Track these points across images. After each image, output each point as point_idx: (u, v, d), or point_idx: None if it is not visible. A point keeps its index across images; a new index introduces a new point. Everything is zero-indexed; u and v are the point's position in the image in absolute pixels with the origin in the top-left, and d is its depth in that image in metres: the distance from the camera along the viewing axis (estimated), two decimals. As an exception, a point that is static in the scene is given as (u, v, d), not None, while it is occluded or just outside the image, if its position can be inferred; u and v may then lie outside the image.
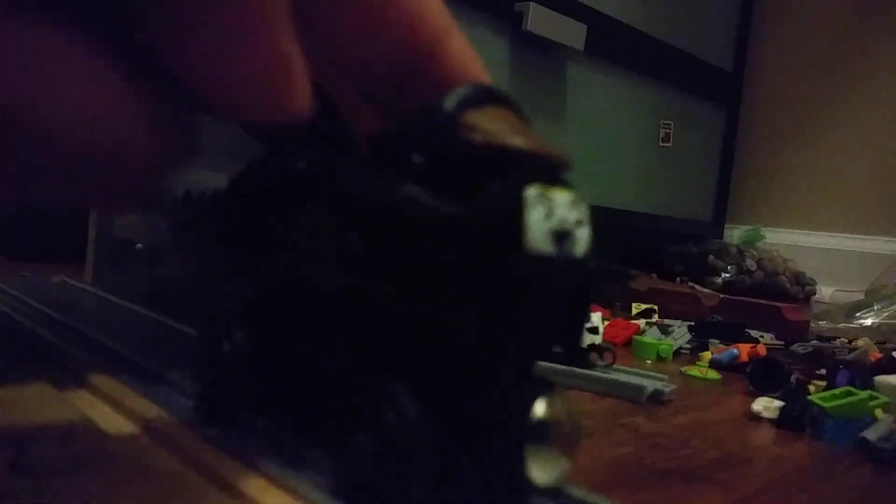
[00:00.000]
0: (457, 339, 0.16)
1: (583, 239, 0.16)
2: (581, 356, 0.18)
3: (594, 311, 0.65)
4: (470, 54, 0.18)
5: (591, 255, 0.16)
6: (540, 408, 0.16)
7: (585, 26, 1.55)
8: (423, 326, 0.16)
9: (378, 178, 0.16)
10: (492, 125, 0.16)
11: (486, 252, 0.15)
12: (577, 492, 0.19)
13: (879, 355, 0.83)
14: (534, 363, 0.17)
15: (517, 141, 0.16)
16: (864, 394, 0.60)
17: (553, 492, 0.19)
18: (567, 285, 0.16)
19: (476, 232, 0.15)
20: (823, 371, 0.76)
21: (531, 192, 0.15)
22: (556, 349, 0.17)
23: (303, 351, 0.19)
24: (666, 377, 0.63)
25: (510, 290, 0.15)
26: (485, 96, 0.16)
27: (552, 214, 0.15)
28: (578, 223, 0.16)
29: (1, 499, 0.15)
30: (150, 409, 0.21)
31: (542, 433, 0.16)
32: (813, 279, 1.69)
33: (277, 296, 0.20)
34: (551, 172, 0.16)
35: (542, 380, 0.17)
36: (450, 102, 0.16)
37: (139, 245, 0.47)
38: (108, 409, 0.21)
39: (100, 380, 0.23)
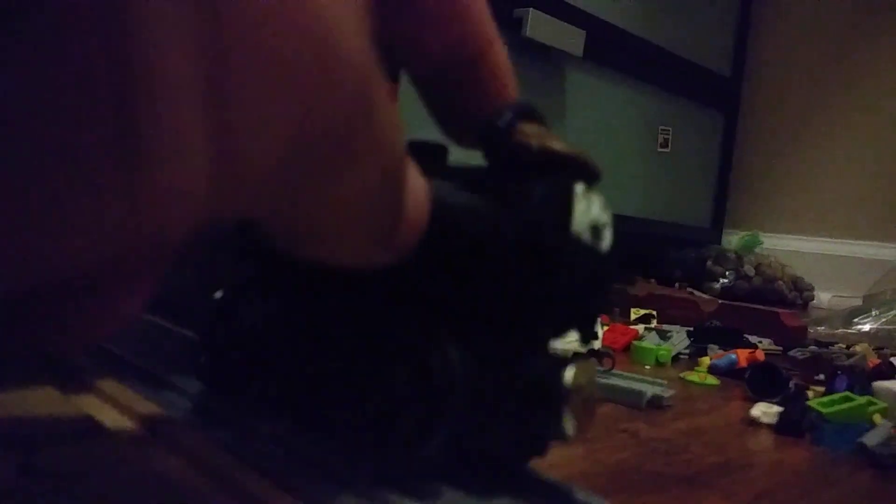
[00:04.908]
0: (500, 306, 0.18)
1: (608, 237, 0.19)
2: (593, 338, 0.20)
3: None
4: (507, 61, 0.19)
5: (612, 253, 0.19)
6: (569, 373, 0.18)
7: (584, 32, 1.55)
8: (471, 291, 0.18)
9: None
10: (541, 134, 0.18)
11: (537, 234, 0.17)
12: (581, 494, 0.19)
13: (878, 361, 0.84)
14: (553, 338, 0.19)
15: (566, 147, 0.18)
16: (862, 399, 0.60)
17: (554, 491, 0.19)
18: (594, 272, 0.19)
19: (530, 217, 0.18)
20: (822, 376, 0.77)
21: (579, 188, 0.18)
22: (574, 332, 0.19)
23: (342, 312, 0.20)
24: (665, 382, 0.63)
25: (553, 267, 0.18)
26: (527, 112, 0.19)
27: (591, 211, 0.18)
28: (606, 224, 0.19)
29: (14, 502, 0.15)
30: (158, 413, 0.21)
31: (567, 395, 0.18)
32: (811, 284, 1.69)
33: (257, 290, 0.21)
34: (590, 177, 0.19)
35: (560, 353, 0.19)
36: (508, 115, 0.18)
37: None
38: (116, 414, 0.21)
39: (106, 384, 0.24)
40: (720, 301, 1.20)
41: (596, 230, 0.19)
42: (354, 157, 0.12)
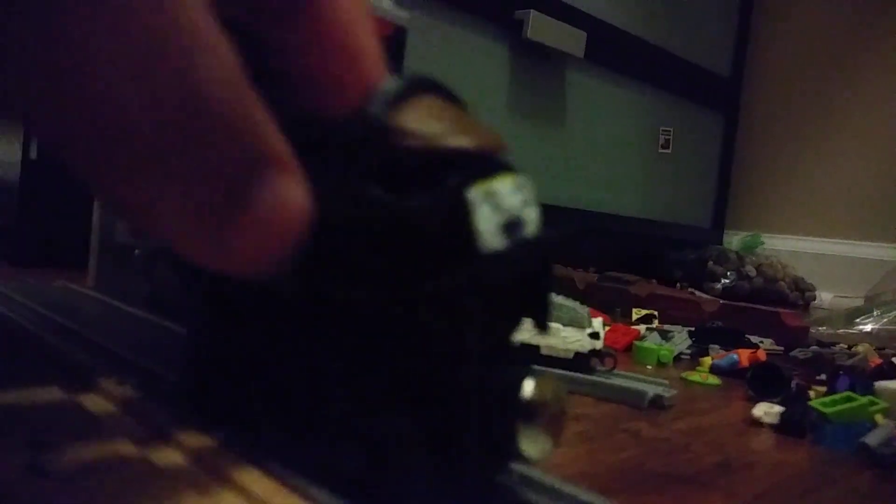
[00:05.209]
0: (426, 336, 0.16)
1: (531, 218, 0.16)
2: (548, 322, 0.18)
3: (595, 317, 0.66)
4: (359, 12, 0.15)
5: (542, 231, 0.16)
6: (528, 387, 0.16)
7: (585, 33, 1.56)
8: (393, 327, 0.16)
9: (339, 182, 0.16)
10: (423, 124, 0.15)
11: (440, 257, 0.15)
12: (584, 494, 0.19)
13: (879, 361, 0.84)
14: (511, 343, 0.17)
15: (451, 140, 0.15)
16: (864, 399, 0.60)
17: (555, 491, 0.19)
18: (524, 267, 0.16)
19: (426, 239, 0.15)
20: (823, 376, 0.77)
21: (473, 193, 0.15)
22: (530, 320, 0.17)
23: (275, 353, 0.19)
24: (666, 382, 0.63)
25: (470, 290, 0.15)
26: (411, 88, 0.16)
27: (498, 207, 0.16)
28: (525, 204, 0.16)
29: (22, 501, 0.15)
30: (160, 413, 0.21)
31: (531, 412, 0.16)
32: (812, 285, 1.69)
33: (243, 299, 0.20)
34: (490, 163, 0.16)
35: (525, 360, 0.17)
36: (378, 107, 0.15)
37: (137, 251, 0.47)
38: (119, 413, 0.21)
39: (109, 384, 0.24)
40: (721, 301, 1.20)
41: (512, 224, 0.16)
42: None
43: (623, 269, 1.30)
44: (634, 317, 1.05)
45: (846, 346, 0.96)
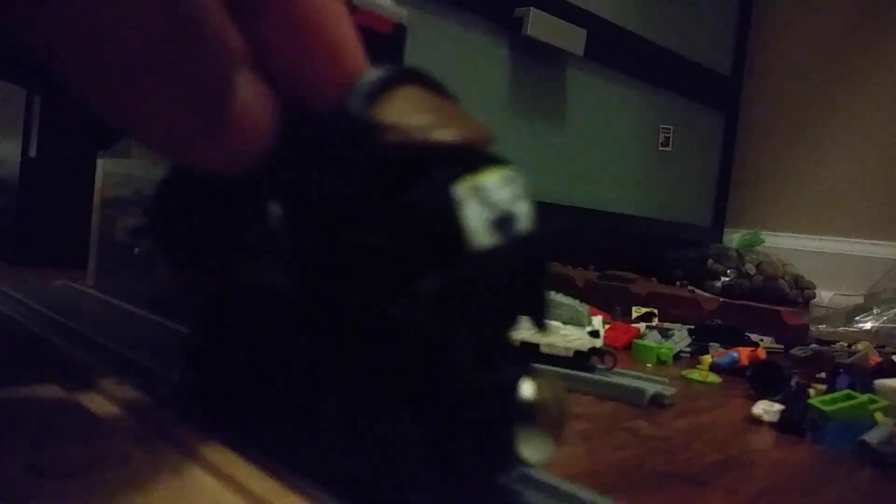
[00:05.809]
0: (420, 337, 0.16)
1: (523, 213, 0.16)
2: (546, 320, 0.17)
3: (595, 315, 0.66)
4: (354, 32, 0.16)
5: (535, 227, 0.16)
6: (526, 389, 0.16)
7: (585, 31, 1.56)
8: (384, 325, 0.16)
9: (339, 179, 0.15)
10: (406, 118, 0.15)
11: (428, 256, 0.15)
12: (584, 493, 0.19)
13: (879, 359, 0.84)
14: (509, 343, 0.17)
15: (434, 133, 0.15)
16: (864, 397, 0.60)
17: (555, 490, 0.19)
18: (518, 264, 0.16)
19: (413, 239, 0.15)
20: (823, 375, 0.77)
21: (460, 188, 0.15)
22: (525, 318, 0.17)
23: (275, 353, 0.19)
24: (666, 381, 0.63)
25: (462, 288, 0.15)
26: (392, 79, 0.15)
27: (487, 202, 0.15)
28: (515, 199, 0.16)
29: (22, 500, 0.15)
30: (161, 412, 0.21)
31: (529, 413, 0.16)
32: (812, 283, 1.69)
33: (231, 295, 0.20)
34: (477, 156, 0.15)
35: (522, 360, 0.17)
36: (357, 101, 0.15)
37: (137, 249, 0.47)
38: (119, 412, 0.21)
39: (109, 382, 0.24)
40: (721, 299, 1.20)
41: (503, 220, 0.15)
42: None
43: (623, 268, 1.30)
44: (634, 315, 1.05)
45: (846, 345, 0.96)
